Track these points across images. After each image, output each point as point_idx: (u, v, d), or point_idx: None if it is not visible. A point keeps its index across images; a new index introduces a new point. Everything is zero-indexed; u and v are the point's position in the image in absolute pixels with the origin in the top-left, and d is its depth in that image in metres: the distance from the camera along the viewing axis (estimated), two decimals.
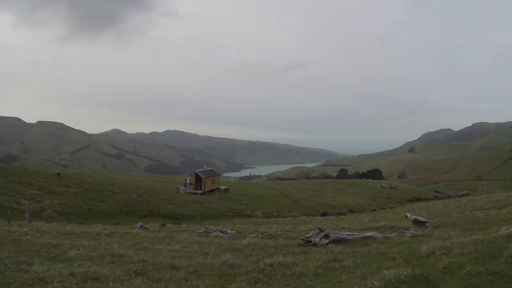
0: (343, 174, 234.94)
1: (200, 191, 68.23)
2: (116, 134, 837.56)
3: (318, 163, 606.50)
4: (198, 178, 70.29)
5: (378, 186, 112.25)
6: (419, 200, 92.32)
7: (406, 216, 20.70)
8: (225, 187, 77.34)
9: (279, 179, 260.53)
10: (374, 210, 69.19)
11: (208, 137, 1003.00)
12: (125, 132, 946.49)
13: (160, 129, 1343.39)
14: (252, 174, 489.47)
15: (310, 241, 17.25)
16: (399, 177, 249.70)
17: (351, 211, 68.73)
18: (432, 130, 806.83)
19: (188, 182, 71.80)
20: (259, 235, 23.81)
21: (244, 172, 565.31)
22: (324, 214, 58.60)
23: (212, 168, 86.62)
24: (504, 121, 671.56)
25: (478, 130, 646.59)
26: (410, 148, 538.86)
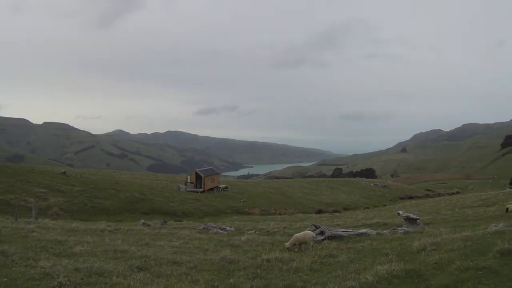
0: (337, 173, 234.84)
1: (200, 190, 68.16)
2: (119, 135, 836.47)
3: (314, 163, 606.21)
4: (198, 177, 70.23)
5: (372, 184, 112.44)
6: (411, 198, 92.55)
7: (398, 214, 20.75)
8: (224, 185, 77.29)
9: (276, 178, 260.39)
10: (368, 208, 69.24)
11: (208, 137, 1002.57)
12: (128, 133, 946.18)
13: (162, 129, 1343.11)
14: (250, 173, 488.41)
15: None
16: (392, 176, 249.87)
17: (345, 209, 68.80)
18: (424, 130, 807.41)
19: (188, 180, 71.70)
20: (257, 232, 23.81)
21: (243, 171, 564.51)
22: (319, 212, 58.62)
23: (211, 167, 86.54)
24: (492, 122, 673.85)
25: (467, 131, 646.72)
26: (402, 148, 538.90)
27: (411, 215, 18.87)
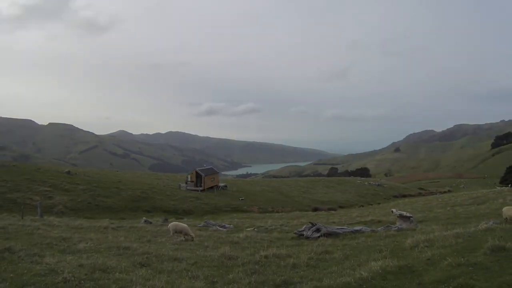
0: (333, 172, 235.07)
1: (200, 188, 68.12)
2: (122, 135, 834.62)
3: (310, 162, 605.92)
4: (198, 176, 70.18)
5: (366, 183, 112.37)
6: (404, 196, 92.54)
7: (392, 212, 20.74)
8: (223, 184, 77.28)
9: (274, 177, 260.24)
10: (362, 206, 69.27)
11: (207, 137, 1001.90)
12: (131, 133, 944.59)
13: (163, 130, 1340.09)
14: (249, 172, 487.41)
15: (303, 235, 17.27)
16: (386, 175, 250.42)
17: (340, 207, 68.78)
18: (416, 131, 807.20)
19: (189, 179, 71.64)
20: (255, 229, 23.81)
21: (241, 171, 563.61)
22: (315, 210, 58.63)
23: (211, 166, 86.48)
24: (483, 122, 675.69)
25: (459, 131, 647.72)
26: (396, 148, 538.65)
27: (405, 213, 18.89)
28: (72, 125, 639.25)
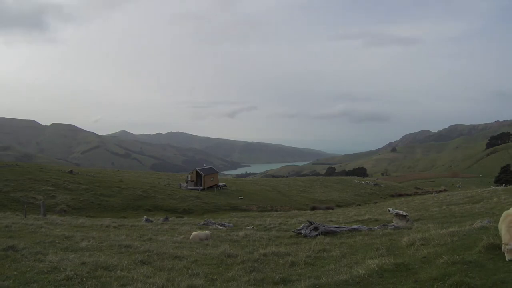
0: (331, 172, 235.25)
1: (200, 187, 68.09)
2: (123, 135, 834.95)
3: (308, 162, 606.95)
4: (198, 176, 70.15)
5: (363, 182, 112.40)
6: (400, 195, 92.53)
7: (389, 210, 20.78)
8: (223, 183, 77.22)
9: (273, 176, 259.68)
10: (359, 205, 69.25)
11: (207, 138, 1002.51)
12: (132, 134, 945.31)
13: (164, 130, 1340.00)
14: (248, 172, 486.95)
15: (301, 233, 17.26)
16: (382, 174, 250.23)
17: (338, 206, 68.76)
18: (412, 131, 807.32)
19: (189, 179, 71.62)
20: (254, 228, 23.76)
21: (241, 170, 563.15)
22: (313, 208, 58.65)
23: (211, 166, 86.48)
24: (478, 123, 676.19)
25: (454, 131, 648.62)
26: (392, 148, 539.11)
27: (401, 212, 18.89)
28: (74, 126, 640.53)
